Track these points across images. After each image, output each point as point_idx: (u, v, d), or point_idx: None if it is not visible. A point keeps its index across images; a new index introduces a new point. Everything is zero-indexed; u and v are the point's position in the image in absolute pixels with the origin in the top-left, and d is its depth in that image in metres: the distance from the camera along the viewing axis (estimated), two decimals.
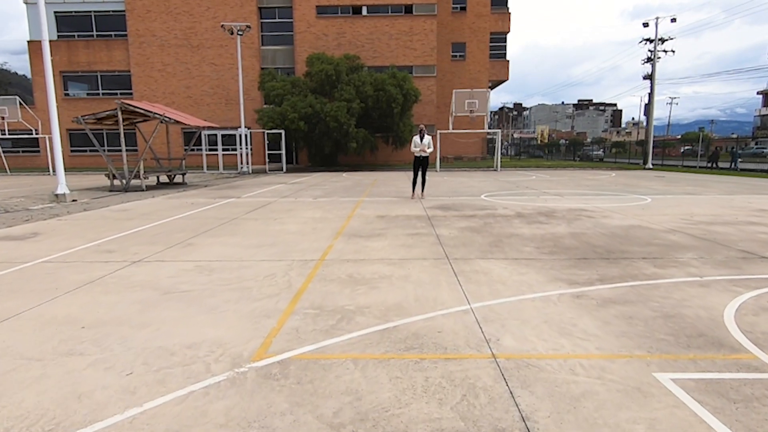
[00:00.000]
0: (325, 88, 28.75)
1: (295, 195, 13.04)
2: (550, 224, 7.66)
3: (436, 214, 8.99)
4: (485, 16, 39.17)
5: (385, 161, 34.36)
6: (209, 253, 5.79)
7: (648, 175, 22.46)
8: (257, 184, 17.46)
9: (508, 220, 8.08)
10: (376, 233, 7.01)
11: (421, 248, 5.95)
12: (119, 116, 14.92)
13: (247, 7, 33.41)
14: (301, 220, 8.29)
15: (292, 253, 5.71)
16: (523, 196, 12.32)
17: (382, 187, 15.62)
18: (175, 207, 10.51)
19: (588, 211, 9.14)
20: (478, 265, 5.08)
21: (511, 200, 11.25)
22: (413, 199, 11.61)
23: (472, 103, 25.02)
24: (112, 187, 15.47)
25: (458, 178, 20.36)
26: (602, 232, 6.90)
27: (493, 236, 6.68)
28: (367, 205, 10.57)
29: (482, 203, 10.66)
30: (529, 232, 6.95)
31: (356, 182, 17.93)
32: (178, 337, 3.17)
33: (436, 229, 7.33)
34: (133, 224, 8.07)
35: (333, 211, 9.56)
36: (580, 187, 14.93)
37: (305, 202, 11.17)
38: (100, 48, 34.66)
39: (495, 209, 9.57)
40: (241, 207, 10.36)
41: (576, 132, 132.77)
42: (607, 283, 4.37)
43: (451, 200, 11.35)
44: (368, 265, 5.09)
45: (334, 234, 6.98)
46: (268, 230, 7.35)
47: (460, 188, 14.77)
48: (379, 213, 9.17)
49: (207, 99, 34.72)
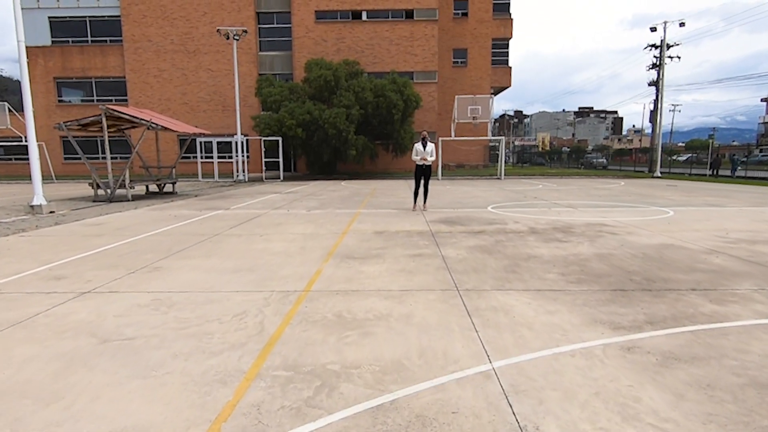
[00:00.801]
0: (323, 95, 28.00)
1: (288, 206, 12.17)
2: (570, 243, 6.78)
3: (441, 229, 8.11)
4: (487, 21, 38.53)
5: (385, 169, 33.54)
6: (175, 280, 4.91)
7: (659, 183, 21.58)
8: (250, 194, 16.60)
9: (521, 238, 7.19)
10: (372, 254, 6.12)
11: (425, 275, 5.06)
12: (103, 122, 14.10)
13: (245, 12, 32.78)
14: (290, 237, 7.41)
15: (272, 281, 4.82)
16: (532, 207, 11.43)
17: (382, 197, 14.75)
18: (155, 220, 9.64)
19: (609, 227, 8.25)
20: (495, 299, 4.19)
21: (521, 213, 10.37)
22: (415, 211, 10.74)
23: (475, 110, 24.22)
24: (96, 198, 14.62)
25: (461, 187, 19.50)
26: (633, 254, 6.01)
27: (507, 258, 5.79)
28: (364, 218, 9.69)
29: (490, 216, 9.78)
30: (548, 253, 6.06)
31: (354, 192, 17.08)
32: (91, 422, 2.28)
33: (442, 248, 6.44)
34: (101, 242, 7.19)
35: (326, 225, 8.68)
36: (591, 198, 14.05)
37: (297, 215, 10.29)
38: (95, 54, 34.00)
39: (505, 224, 8.68)
40: (227, 220, 9.48)
41: (577, 139, 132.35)
42: (660, 326, 3.48)
43: (456, 213, 10.47)
44: (362, 299, 4.20)
45: (324, 255, 6.10)
46: (251, 250, 6.46)
47: (464, 199, 13.89)
48: (377, 228, 8.29)
49: (203, 105, 34.00)
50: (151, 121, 14.28)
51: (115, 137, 19.70)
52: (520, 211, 10.72)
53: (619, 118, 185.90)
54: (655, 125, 38.32)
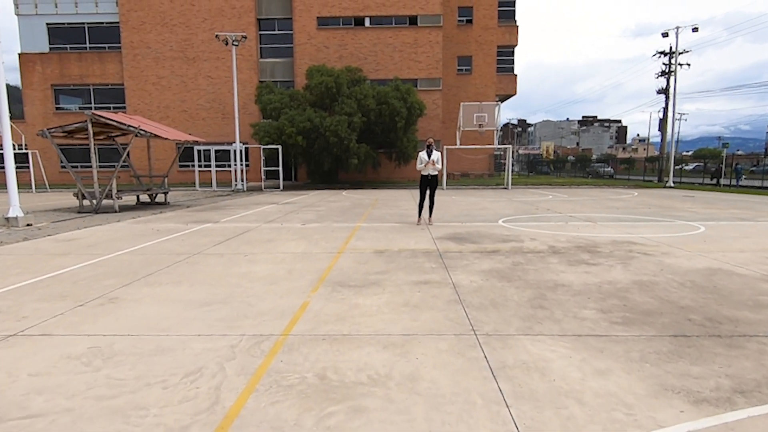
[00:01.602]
0: (325, 102, 27.26)
1: (283, 219, 11.29)
2: (600, 266, 5.85)
3: (449, 248, 7.19)
4: (492, 28, 37.85)
5: (387, 178, 32.71)
6: (129, 317, 4.02)
7: (674, 194, 20.62)
8: (245, 205, 15.74)
9: (542, 259, 6.27)
10: (370, 280, 5.22)
11: (433, 310, 4.15)
12: (89, 129, 13.31)
13: (246, 19, 32.21)
14: (278, 258, 6.51)
15: (245, 320, 3.92)
16: (547, 221, 10.51)
17: (384, 208, 13.87)
18: (134, 235, 8.77)
19: (638, 245, 7.32)
20: (525, 348, 3.27)
21: (537, 228, 9.45)
22: (419, 225, 9.84)
23: (481, 117, 23.39)
24: (81, 208, 13.80)
25: (468, 197, 18.59)
26: (678, 281, 5.08)
27: (530, 287, 4.87)
28: (364, 233, 8.80)
29: (503, 232, 8.86)
30: (577, 280, 5.14)
31: (355, 202, 16.20)
32: None
33: (452, 273, 5.53)
34: (63, 262, 6.32)
35: (321, 242, 7.79)
36: (608, 210, 13.12)
37: (291, 230, 9.40)
38: (93, 60, 33.46)
39: (521, 241, 7.76)
40: (213, 236, 8.60)
41: (581, 148, 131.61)
42: (756, 399, 2.55)
43: (465, 227, 9.56)
44: (354, 348, 3.30)
45: (314, 281, 5.19)
46: (230, 274, 5.57)
47: (472, 211, 12.98)
48: (377, 246, 7.39)
49: (203, 113, 33.34)
50: (140, 128, 13.48)
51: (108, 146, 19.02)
52: (535, 225, 9.80)
53: (623, 127, 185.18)
54: (664, 134, 37.40)
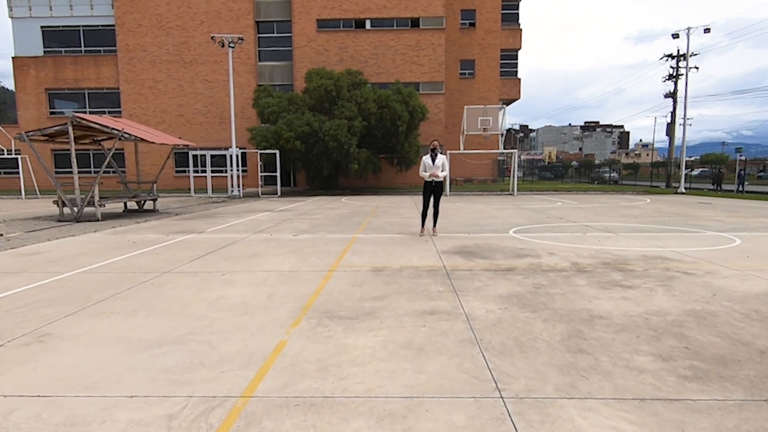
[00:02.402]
0: (324, 105, 26.45)
1: (274, 229, 10.40)
2: (638, 289, 4.94)
3: (457, 264, 6.29)
4: (495, 32, 37.10)
5: (389, 184, 31.84)
6: (51, 366, 3.12)
7: (687, 200, 19.69)
8: (238, 212, 14.87)
9: (567, 280, 5.37)
10: (365, 309, 4.32)
11: (443, 356, 3.24)
12: (70, 132, 12.48)
13: (244, 21, 31.52)
14: (259, 278, 5.62)
15: (199, 371, 3.02)
16: (563, 232, 9.60)
17: (384, 216, 12.98)
18: (106, 249, 7.89)
19: (673, 261, 6.41)
20: (574, 424, 2.37)
21: (552, 240, 8.55)
22: (423, 236, 8.94)
23: (486, 121, 22.54)
24: (62, 217, 12.94)
25: (473, 204, 17.69)
26: (740, 311, 4.17)
27: (561, 320, 3.97)
28: (361, 246, 7.90)
29: (515, 245, 7.96)
30: (616, 310, 4.23)
31: (355, 210, 15.32)
32: None
33: (463, 299, 4.62)
34: (10, 283, 5.44)
35: (312, 258, 6.89)
36: (625, 218, 12.21)
37: (281, 242, 8.52)
38: (88, 64, 32.78)
39: (538, 256, 6.85)
40: (192, 249, 7.72)
41: (584, 154, 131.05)
42: None
43: (473, 239, 8.66)
44: (337, 424, 2.39)
45: (297, 310, 4.30)
46: (198, 300, 4.68)
47: (479, 220, 12.08)
48: (375, 262, 6.49)
49: (200, 117, 32.59)
50: (123, 131, 12.64)
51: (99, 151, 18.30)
52: (550, 237, 8.89)
53: (625, 133, 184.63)
54: (672, 138, 36.55)
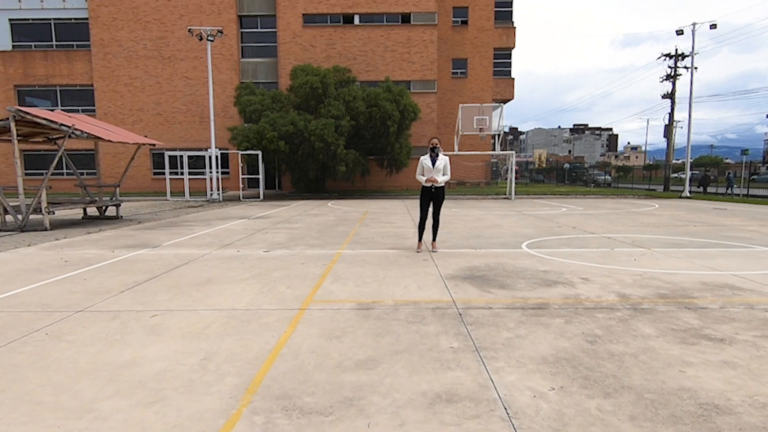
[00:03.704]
0: (309, 104, 24.88)
1: (245, 242, 8.83)
2: (735, 344, 3.48)
3: (470, 298, 4.78)
4: (488, 30, 35.79)
5: (378, 187, 30.34)
6: None
7: (699, 206, 18.45)
8: (210, 220, 13.24)
9: (626, 326, 3.89)
10: (343, 394, 2.79)
11: None
12: (12, 128, 10.78)
13: (226, 15, 29.85)
14: (201, 322, 4.06)
15: None
16: (586, 247, 8.15)
17: (374, 225, 11.46)
18: (21, 272, 6.26)
19: (746, 291, 4.96)
20: None
21: (577, 257, 7.09)
22: (420, 252, 7.45)
23: (482, 120, 21.15)
24: (4, 226, 11.24)
25: (471, 210, 16.24)
26: None
27: (659, 419, 2.48)
28: (345, 268, 6.37)
29: (536, 265, 6.48)
30: (730, 391, 2.76)
31: (341, 217, 13.78)
32: None
33: (491, 367, 3.12)
34: None
35: (280, 285, 5.34)
36: (645, 228, 10.83)
37: (247, 260, 6.95)
38: (60, 59, 30.85)
39: (571, 284, 5.37)
40: (131, 273, 6.12)
41: (573, 156, 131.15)
42: None
43: (482, 257, 7.17)
44: None
45: (237, 393, 2.75)
46: (95, 369, 3.11)
47: (482, 229, 10.61)
48: (362, 294, 4.96)
49: (179, 117, 30.81)
50: (74, 128, 10.96)
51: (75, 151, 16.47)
52: (573, 253, 7.44)
53: (614, 135, 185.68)
54: (670, 140, 35.53)
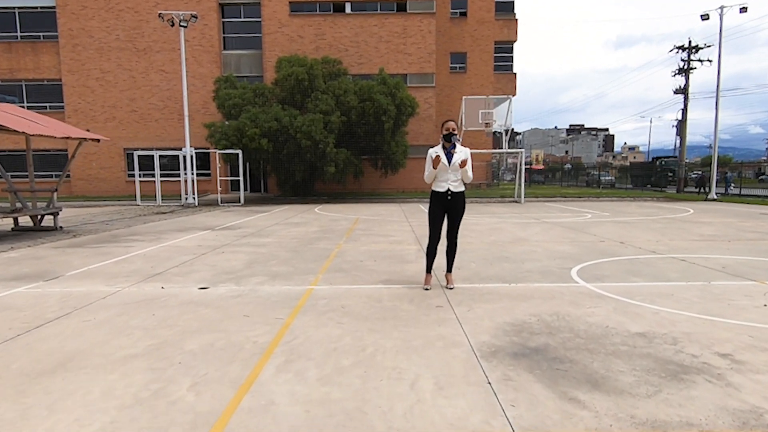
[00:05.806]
0: (295, 98, 22.47)
1: (183, 269, 6.41)
2: None
3: (545, 419, 2.42)
4: (489, 22, 33.50)
5: (373, 189, 27.95)
6: None
7: (738, 210, 16.19)
8: (165, 231, 10.80)
9: None
10: None
11: None
12: None
13: (205, 3, 27.43)
14: None
15: None
16: (665, 280, 5.78)
17: (365, 239, 9.07)
18: None
19: None
20: None
21: (672, 301, 4.72)
22: (430, 290, 5.08)
23: (488, 114, 18.83)
24: None
25: (481, 216, 13.88)
26: None
27: None
28: (310, 330, 3.98)
29: (621, 322, 4.10)
30: None
31: (325, 227, 11.38)
32: None
33: None
34: None
35: (179, 383, 2.91)
36: (714, 243, 8.50)
37: (164, 308, 4.52)
38: (25, 51, 28.28)
39: (711, 370, 2.99)
40: None
41: (570, 156, 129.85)
42: None
43: (525, 299, 4.78)
44: None
45: None
46: None
47: (505, 246, 8.23)
48: (327, 416, 2.58)
49: (156, 113, 28.32)
50: None
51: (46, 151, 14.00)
52: (655, 290, 5.06)
53: (610, 136, 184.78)
54: (683, 137, 33.39)
